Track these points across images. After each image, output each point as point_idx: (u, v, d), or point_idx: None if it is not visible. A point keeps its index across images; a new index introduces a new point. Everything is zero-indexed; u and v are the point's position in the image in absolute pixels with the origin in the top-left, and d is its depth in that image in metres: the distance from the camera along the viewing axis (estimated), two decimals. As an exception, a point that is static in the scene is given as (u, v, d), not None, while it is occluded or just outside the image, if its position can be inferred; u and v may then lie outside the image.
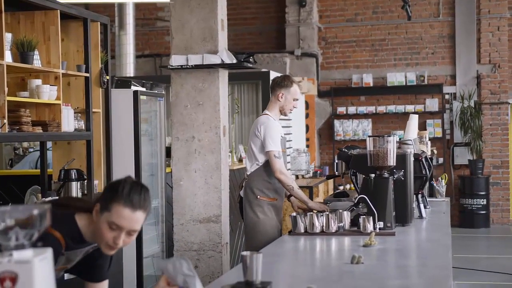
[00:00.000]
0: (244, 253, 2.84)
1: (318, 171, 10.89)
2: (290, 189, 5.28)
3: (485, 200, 12.46)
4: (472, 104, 12.60)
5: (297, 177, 10.39)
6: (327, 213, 4.40)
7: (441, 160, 12.79)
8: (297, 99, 5.48)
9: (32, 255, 1.84)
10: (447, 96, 12.96)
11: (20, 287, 1.79)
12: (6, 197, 6.54)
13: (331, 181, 10.95)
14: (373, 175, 4.49)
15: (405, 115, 12.02)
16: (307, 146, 12.45)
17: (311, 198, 8.98)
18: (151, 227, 7.02)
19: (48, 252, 1.88)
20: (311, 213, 4.41)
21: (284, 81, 5.47)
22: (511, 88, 12.88)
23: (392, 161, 4.50)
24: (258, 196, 5.36)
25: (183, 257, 2.56)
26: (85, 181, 5.82)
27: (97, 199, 2.78)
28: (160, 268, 2.58)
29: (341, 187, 10.58)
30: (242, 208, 5.49)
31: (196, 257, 5.63)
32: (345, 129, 13.17)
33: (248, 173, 5.45)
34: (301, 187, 9.29)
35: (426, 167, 5.19)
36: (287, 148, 6.84)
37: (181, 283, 2.53)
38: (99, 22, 6.11)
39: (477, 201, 12.43)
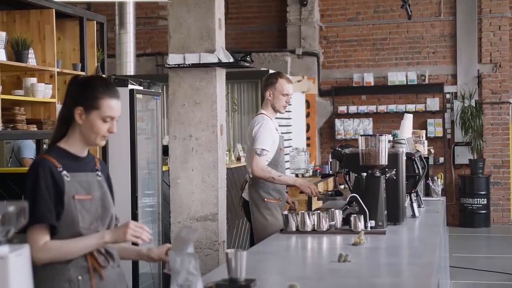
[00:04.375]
0: (228, 251, 2.87)
1: (319, 170, 10.89)
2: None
3: (485, 199, 12.45)
4: (473, 104, 12.59)
5: (296, 175, 10.39)
6: (319, 212, 4.41)
7: (441, 159, 12.79)
8: (286, 94, 5.40)
9: (8, 251, 1.86)
10: (448, 96, 12.96)
11: (-5, 283, 1.82)
12: (5, 194, 6.57)
13: (331, 180, 10.95)
14: (364, 174, 4.50)
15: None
16: (308, 145, 12.46)
17: (309, 196, 8.97)
18: (148, 225, 7.01)
19: (25, 249, 1.90)
20: (303, 211, 4.43)
21: (269, 79, 5.45)
22: (512, 87, 12.89)
23: (384, 160, 4.51)
24: (266, 199, 5.34)
25: (195, 254, 2.58)
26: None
27: (73, 104, 2.90)
28: (169, 256, 2.62)
29: (342, 186, 10.56)
30: (249, 211, 5.46)
31: (193, 256, 5.64)
32: (346, 128, 13.18)
33: (251, 175, 5.40)
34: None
35: (420, 166, 5.19)
36: (286, 147, 6.84)
37: (181, 280, 2.54)
38: (95, 21, 6.13)
39: (477, 200, 12.42)
